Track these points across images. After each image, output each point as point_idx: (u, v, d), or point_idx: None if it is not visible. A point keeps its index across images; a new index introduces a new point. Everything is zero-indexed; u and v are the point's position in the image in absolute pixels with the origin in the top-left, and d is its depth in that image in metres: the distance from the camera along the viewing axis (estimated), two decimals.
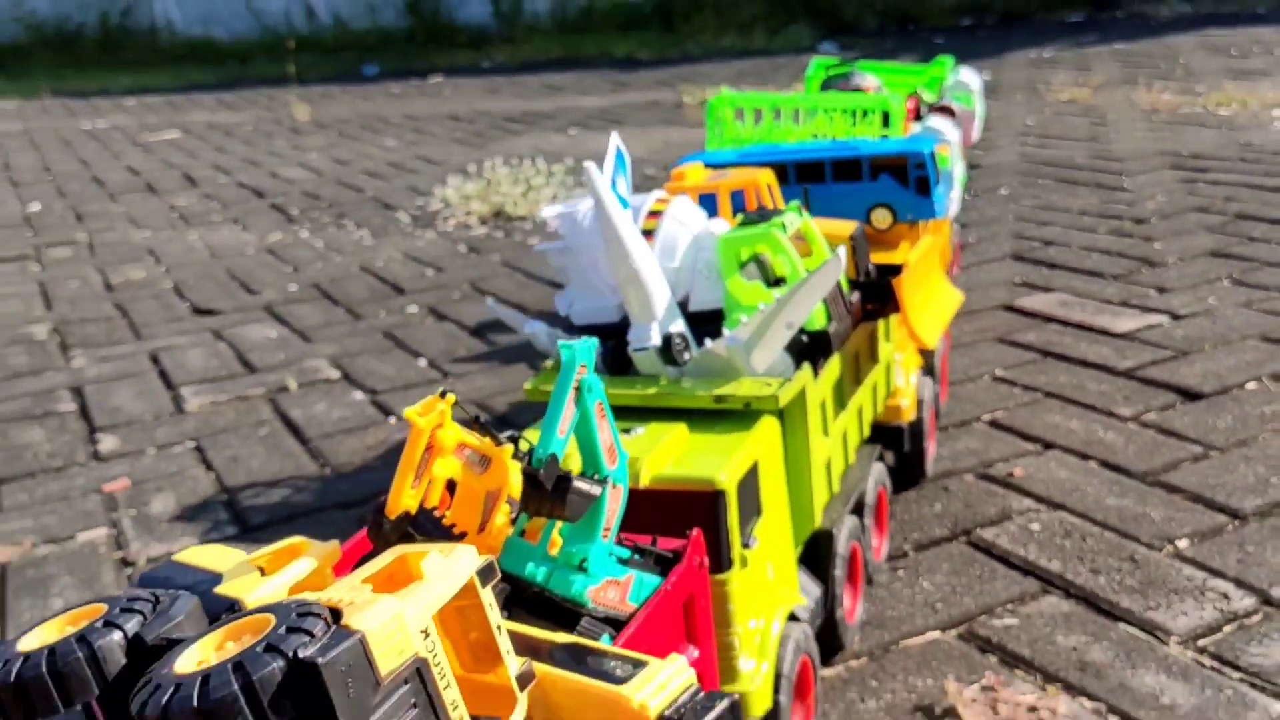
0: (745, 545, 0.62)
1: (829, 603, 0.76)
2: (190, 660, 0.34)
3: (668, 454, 0.63)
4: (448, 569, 0.37)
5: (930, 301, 0.96)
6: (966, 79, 1.54)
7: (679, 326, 0.71)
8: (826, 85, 1.31)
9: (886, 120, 1.13)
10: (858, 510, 0.82)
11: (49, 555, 1.05)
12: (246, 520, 1.09)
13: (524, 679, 0.39)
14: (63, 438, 1.34)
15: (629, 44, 6.24)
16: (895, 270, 0.85)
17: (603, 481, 0.48)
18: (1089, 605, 0.85)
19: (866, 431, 0.88)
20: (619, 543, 0.52)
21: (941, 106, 1.39)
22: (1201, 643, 0.79)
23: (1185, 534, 0.93)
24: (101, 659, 0.37)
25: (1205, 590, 0.85)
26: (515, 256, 2.04)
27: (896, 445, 0.99)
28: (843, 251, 0.73)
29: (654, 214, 0.76)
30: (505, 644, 0.39)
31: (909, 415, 0.99)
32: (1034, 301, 1.56)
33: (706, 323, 0.74)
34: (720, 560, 0.61)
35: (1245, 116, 2.84)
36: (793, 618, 0.69)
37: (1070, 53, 4.54)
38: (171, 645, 0.38)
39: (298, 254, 2.20)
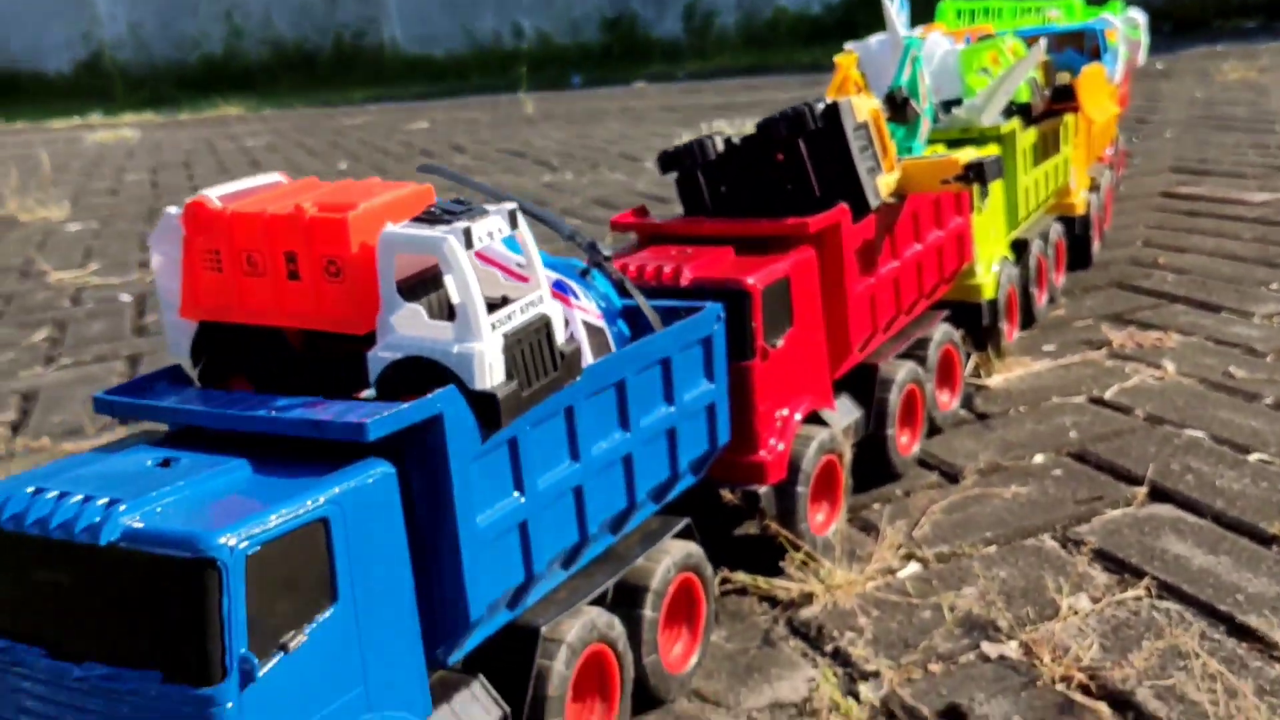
0: (984, 197, 1.08)
1: (1025, 282, 1.21)
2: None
3: (939, 150, 1.09)
4: (866, 97, 0.85)
5: (1097, 103, 1.39)
6: (1134, 15, 1.95)
7: (937, 100, 1.18)
8: None
9: None
10: (1044, 239, 1.27)
11: None
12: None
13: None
14: None
15: (813, 54, 6.72)
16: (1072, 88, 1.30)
17: (919, 109, 0.95)
18: (1203, 307, 1.27)
19: (1050, 194, 1.32)
20: None
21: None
22: (1275, 320, 1.21)
23: (1276, 281, 1.34)
24: (714, 144, 0.86)
25: (1268, 284, 1.27)
26: None
27: (1070, 229, 1.43)
28: (1042, 44, 1.19)
29: (920, 38, 1.23)
30: (883, 145, 0.86)
31: (1080, 210, 1.42)
32: (1187, 189, 1.95)
33: (953, 105, 1.20)
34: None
35: None
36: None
37: (1241, 47, 4.80)
38: (749, 142, 0.86)
39: (572, 186, 2.74)
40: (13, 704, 0.47)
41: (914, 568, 0.78)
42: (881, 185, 0.84)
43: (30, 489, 0.47)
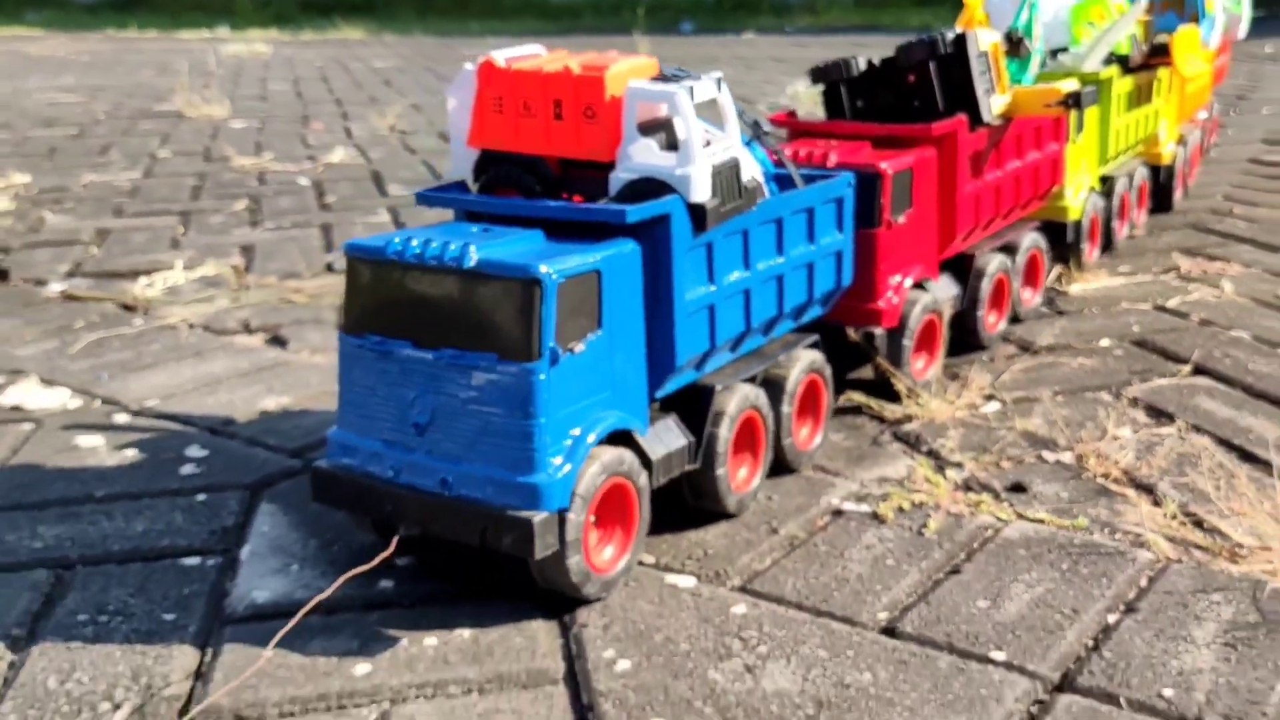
0: (1079, 131, 1.26)
1: (1109, 213, 1.39)
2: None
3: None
4: (983, 32, 1.04)
5: (1187, 60, 1.54)
6: None
7: (1047, 48, 1.36)
8: None
9: None
10: (1130, 178, 1.45)
11: None
12: None
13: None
14: None
15: (923, 16, 6.78)
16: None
17: (1031, 48, 1.13)
18: (1265, 248, 1.44)
19: (1138, 141, 1.49)
20: None
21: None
22: None
23: None
24: (857, 63, 1.06)
25: None
26: None
27: (1156, 176, 1.60)
28: (1142, 3, 1.36)
29: None
30: (998, 73, 1.05)
31: (1166, 160, 1.59)
32: (1272, 157, 2.09)
33: (1060, 53, 1.38)
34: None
35: None
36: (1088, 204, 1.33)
37: None
38: (887, 63, 1.06)
39: None
40: (383, 380, 0.69)
41: (994, 405, 0.98)
42: (994, 105, 1.03)
43: (398, 239, 0.69)
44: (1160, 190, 1.62)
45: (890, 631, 0.66)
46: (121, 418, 0.99)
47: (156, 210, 1.85)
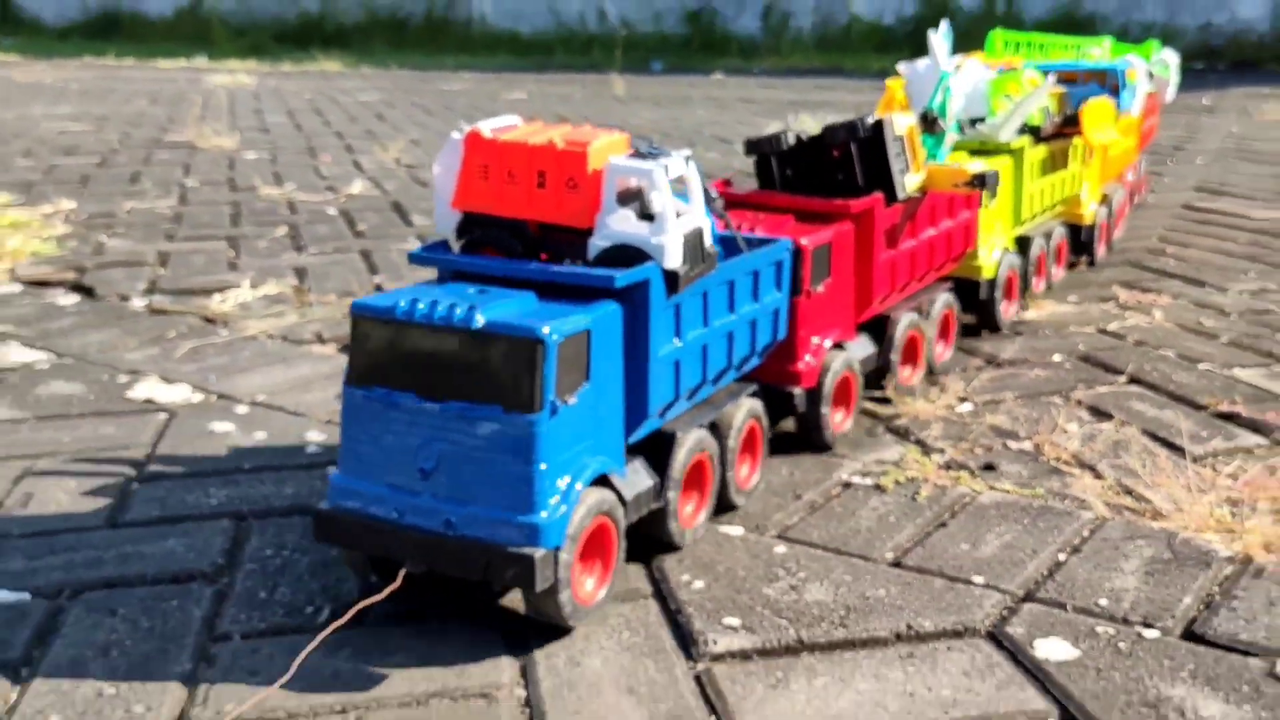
0: (992, 197, 1.46)
1: (1025, 274, 1.60)
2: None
3: (961, 158, 1.48)
4: (900, 117, 1.25)
5: (1098, 130, 1.75)
6: (1166, 57, 2.33)
7: (966, 118, 1.57)
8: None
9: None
10: (1046, 239, 1.66)
11: None
12: None
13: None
14: None
15: (883, 61, 7.09)
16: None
17: (945, 126, 1.34)
18: (1192, 282, 1.68)
19: (1056, 203, 1.70)
20: None
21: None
22: (1244, 294, 1.61)
23: (1254, 270, 1.74)
24: (787, 138, 1.26)
25: (1246, 272, 1.67)
26: None
27: (1076, 235, 1.80)
28: (1052, 79, 1.58)
29: (957, 67, 1.63)
30: (914, 153, 1.26)
31: (1086, 220, 1.80)
32: (1204, 204, 2.35)
33: (978, 122, 1.59)
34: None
35: None
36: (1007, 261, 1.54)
37: None
38: (814, 140, 1.26)
39: None
40: (389, 429, 0.76)
41: (968, 405, 1.19)
42: (909, 182, 1.19)
43: (405, 300, 0.75)
44: (1085, 246, 1.81)
45: (897, 565, 0.86)
46: (241, 409, 1.18)
47: (204, 235, 2.03)
